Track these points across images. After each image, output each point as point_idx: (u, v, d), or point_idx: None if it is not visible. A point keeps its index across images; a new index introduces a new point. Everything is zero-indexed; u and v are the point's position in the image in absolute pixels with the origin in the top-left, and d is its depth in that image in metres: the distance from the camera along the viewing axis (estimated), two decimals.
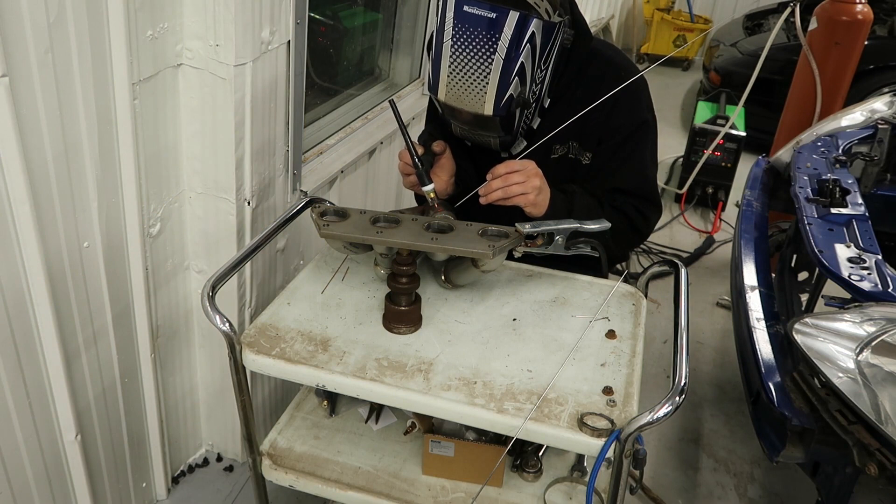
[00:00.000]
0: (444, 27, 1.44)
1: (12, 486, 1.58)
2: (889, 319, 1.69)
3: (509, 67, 1.46)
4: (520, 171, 1.53)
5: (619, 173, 1.71)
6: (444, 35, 1.44)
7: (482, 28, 1.42)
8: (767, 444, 1.79)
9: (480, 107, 1.50)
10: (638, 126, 1.69)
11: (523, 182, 1.53)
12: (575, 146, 1.71)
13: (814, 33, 3.49)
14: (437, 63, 1.48)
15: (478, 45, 1.43)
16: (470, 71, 1.46)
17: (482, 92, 1.48)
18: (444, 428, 1.57)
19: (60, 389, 1.60)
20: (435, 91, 1.52)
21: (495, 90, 1.47)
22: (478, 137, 1.65)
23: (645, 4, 7.50)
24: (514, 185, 1.52)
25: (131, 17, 1.47)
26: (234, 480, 2.24)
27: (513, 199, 1.54)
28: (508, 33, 1.42)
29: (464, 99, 1.50)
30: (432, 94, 1.54)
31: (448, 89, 1.50)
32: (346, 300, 1.54)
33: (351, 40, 2.74)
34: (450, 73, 1.47)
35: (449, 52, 1.45)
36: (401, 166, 1.66)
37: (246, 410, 1.46)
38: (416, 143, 1.61)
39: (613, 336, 1.47)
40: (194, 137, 1.76)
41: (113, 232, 1.63)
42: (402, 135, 1.59)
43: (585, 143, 1.71)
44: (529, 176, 1.53)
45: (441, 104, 1.58)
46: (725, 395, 2.88)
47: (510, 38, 1.43)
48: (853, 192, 2.27)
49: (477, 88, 1.48)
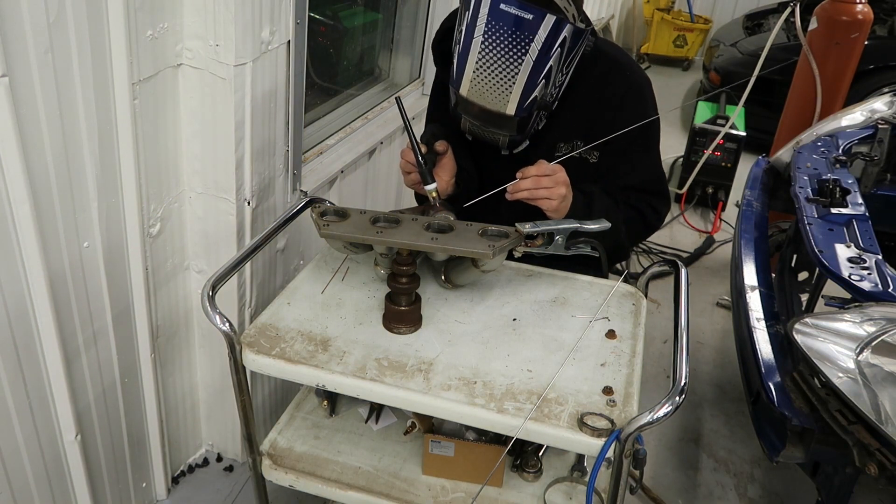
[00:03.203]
0: (477, 22, 1.43)
1: (12, 486, 1.58)
2: (889, 319, 1.69)
3: (538, 69, 1.46)
4: (550, 175, 1.54)
5: (632, 171, 1.75)
6: (476, 30, 1.43)
7: (516, 28, 1.41)
8: (767, 444, 1.79)
9: (503, 105, 1.50)
10: (645, 125, 1.72)
11: (551, 188, 1.54)
12: (580, 145, 1.73)
13: (814, 33, 3.49)
14: (463, 57, 1.47)
15: (510, 44, 1.43)
16: (498, 69, 1.46)
17: (507, 91, 1.48)
18: (444, 428, 1.57)
19: (60, 389, 1.60)
20: (458, 85, 1.51)
21: (521, 91, 1.48)
22: (487, 134, 1.64)
23: (645, 4, 7.50)
24: (542, 188, 1.53)
25: (131, 17, 1.46)
26: (234, 480, 2.24)
27: (537, 202, 1.55)
28: (542, 36, 1.42)
29: (487, 96, 1.50)
30: (453, 88, 1.53)
31: (472, 85, 1.49)
32: (346, 300, 1.54)
33: (351, 40, 2.74)
34: (476, 69, 1.47)
35: (478, 48, 1.44)
36: (402, 164, 1.66)
37: (246, 410, 1.46)
38: (419, 142, 1.61)
39: (613, 336, 1.47)
40: (194, 137, 1.76)
41: (113, 232, 1.63)
42: (407, 133, 1.59)
43: (592, 142, 1.72)
44: (558, 183, 1.54)
45: (459, 98, 1.56)
46: (725, 395, 2.88)
47: (543, 40, 1.43)
48: (853, 192, 2.27)
49: (503, 87, 1.48)
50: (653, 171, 1.79)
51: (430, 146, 1.66)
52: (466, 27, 1.45)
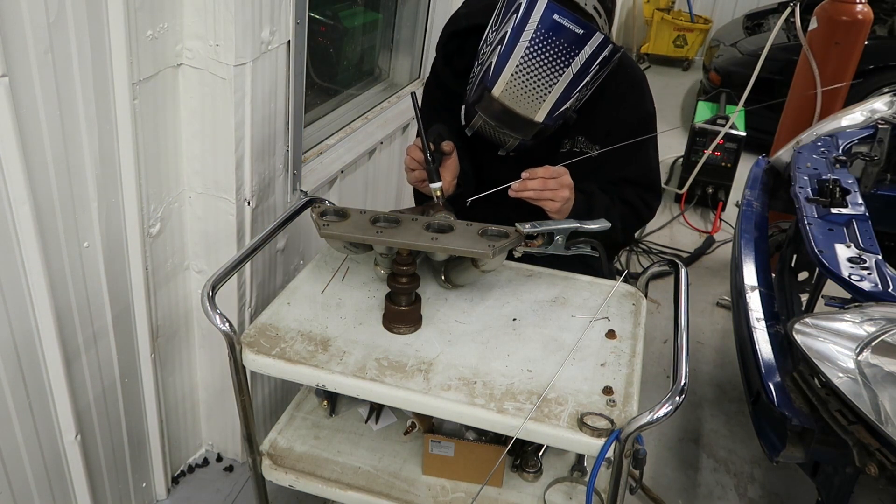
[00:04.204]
0: (525, 27, 1.43)
1: (12, 486, 1.58)
2: (889, 319, 1.69)
3: (576, 83, 1.47)
4: (556, 178, 1.55)
5: (628, 164, 1.79)
6: (523, 35, 1.43)
7: (565, 40, 1.42)
8: (767, 444, 1.79)
9: (534, 112, 1.50)
10: (643, 118, 1.77)
11: (556, 190, 1.55)
12: (581, 140, 1.75)
13: (814, 33, 3.49)
14: (503, 59, 1.46)
15: (555, 54, 1.43)
16: (538, 76, 1.46)
17: (541, 99, 1.48)
18: (444, 428, 1.57)
19: (60, 389, 1.60)
20: (491, 85, 1.50)
21: (555, 100, 1.49)
22: (496, 134, 1.62)
23: (645, 4, 7.50)
24: (548, 190, 1.55)
25: (131, 17, 1.46)
26: (234, 480, 2.24)
27: (541, 203, 1.57)
28: (588, 52, 1.43)
29: (519, 101, 1.49)
30: (487, 85, 1.51)
31: (507, 87, 1.49)
32: (346, 300, 1.55)
33: (351, 40, 2.74)
34: (515, 73, 1.46)
35: (522, 52, 1.44)
36: (408, 161, 1.66)
37: (246, 410, 1.46)
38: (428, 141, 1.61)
39: (613, 336, 1.47)
40: (194, 137, 1.76)
41: (113, 232, 1.63)
42: (419, 130, 1.59)
43: (593, 136, 1.75)
44: (563, 185, 1.56)
45: (485, 96, 1.54)
46: (725, 395, 2.88)
47: (588, 56, 1.44)
48: (853, 192, 2.27)
49: (538, 94, 1.48)
50: (648, 166, 1.83)
51: (436, 145, 1.66)
52: (513, 29, 1.44)
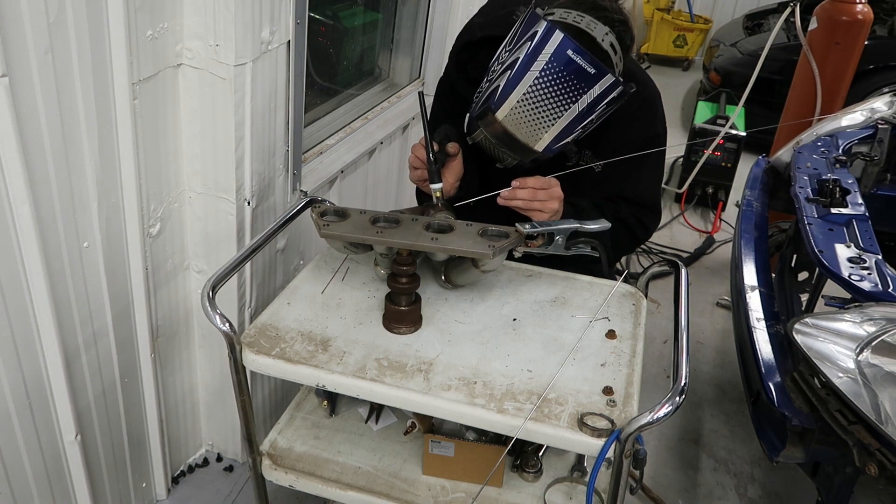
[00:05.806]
0: (538, 57, 1.42)
1: (12, 486, 1.58)
2: (889, 319, 1.69)
3: (580, 120, 1.47)
4: (546, 189, 1.55)
5: (626, 182, 1.76)
6: (534, 64, 1.42)
7: (575, 77, 1.41)
8: (767, 444, 1.79)
9: (534, 142, 1.50)
10: (651, 138, 1.74)
11: (545, 201, 1.55)
12: (588, 154, 1.73)
13: (814, 33, 3.49)
14: (511, 85, 1.46)
15: (563, 89, 1.42)
16: (543, 108, 1.45)
17: (543, 130, 1.48)
18: (444, 428, 1.58)
19: (60, 389, 1.60)
20: (496, 108, 1.49)
21: (556, 133, 1.48)
22: (494, 150, 1.60)
23: (645, 4, 7.50)
24: (537, 201, 1.54)
25: (131, 17, 1.46)
26: (234, 480, 2.24)
27: (529, 213, 1.56)
28: (596, 91, 1.43)
29: (521, 128, 1.49)
30: (492, 108, 1.50)
31: (511, 113, 1.48)
32: (346, 300, 1.54)
33: (351, 40, 2.74)
34: (520, 100, 1.46)
35: (530, 82, 1.43)
36: (412, 159, 1.66)
37: (246, 410, 1.46)
38: (433, 141, 1.61)
39: (613, 336, 1.47)
40: (194, 137, 1.76)
41: (113, 232, 1.63)
42: (424, 129, 1.59)
43: (600, 152, 1.72)
44: (552, 197, 1.55)
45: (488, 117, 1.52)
46: (725, 395, 2.88)
47: (596, 95, 1.43)
48: (853, 192, 2.27)
49: (540, 125, 1.47)
50: (650, 186, 1.81)
51: (442, 146, 1.66)
52: (525, 56, 1.43)
